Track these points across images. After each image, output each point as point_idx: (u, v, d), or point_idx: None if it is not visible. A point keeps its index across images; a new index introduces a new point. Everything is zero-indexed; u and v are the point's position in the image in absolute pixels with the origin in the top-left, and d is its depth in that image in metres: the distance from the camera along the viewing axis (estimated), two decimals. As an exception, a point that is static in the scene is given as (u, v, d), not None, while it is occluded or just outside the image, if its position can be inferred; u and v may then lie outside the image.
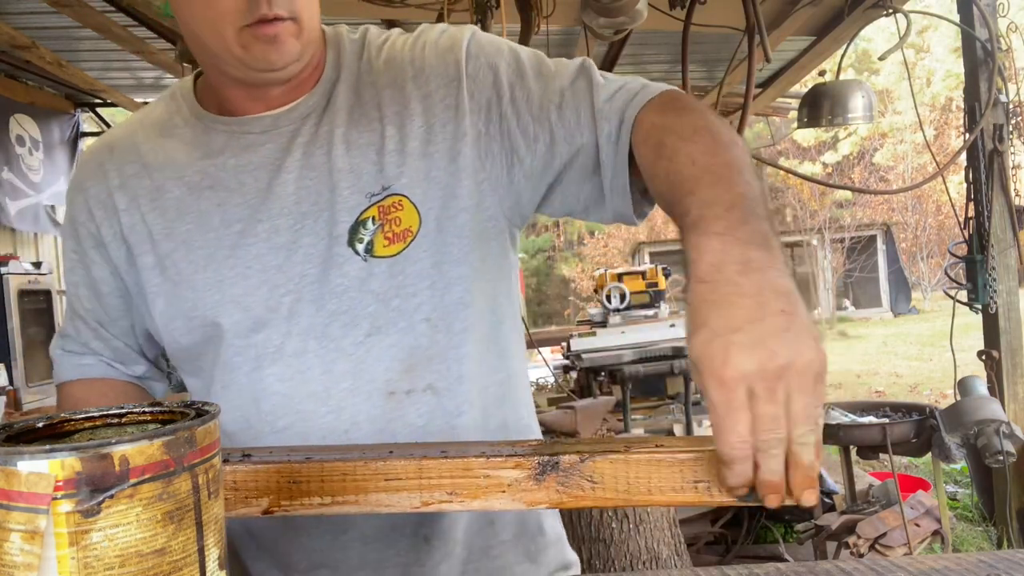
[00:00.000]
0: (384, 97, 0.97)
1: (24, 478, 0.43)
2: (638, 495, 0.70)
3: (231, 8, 0.87)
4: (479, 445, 0.77)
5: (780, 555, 3.88)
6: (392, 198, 0.94)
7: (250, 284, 0.94)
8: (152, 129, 1.03)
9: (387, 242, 0.94)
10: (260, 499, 0.71)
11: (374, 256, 0.93)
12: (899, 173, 19.22)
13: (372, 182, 0.94)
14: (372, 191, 0.94)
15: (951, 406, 3.36)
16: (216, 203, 0.96)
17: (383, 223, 0.94)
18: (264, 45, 0.89)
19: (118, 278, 1.02)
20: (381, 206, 0.94)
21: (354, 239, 0.93)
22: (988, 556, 0.81)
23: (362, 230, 0.94)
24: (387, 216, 0.94)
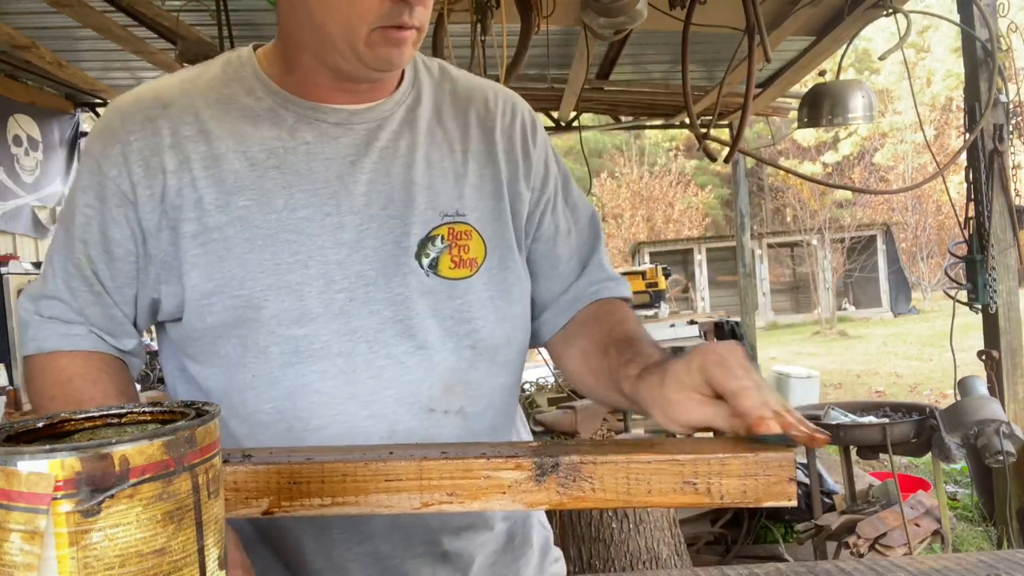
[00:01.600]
0: (471, 134, 1.03)
1: (24, 478, 0.43)
2: (638, 496, 0.70)
3: (373, 10, 0.88)
4: (479, 446, 0.77)
5: (780, 555, 3.88)
6: (464, 226, 0.98)
7: (309, 274, 0.93)
8: (211, 93, 0.98)
9: (453, 265, 0.97)
10: (260, 499, 0.71)
11: (438, 274, 0.96)
12: (899, 173, 19.23)
13: (448, 204, 0.98)
14: (447, 211, 0.97)
15: (951, 406, 3.36)
16: (282, 184, 0.94)
17: (451, 245, 0.97)
18: (391, 48, 0.91)
19: (136, 242, 0.96)
20: (452, 228, 0.97)
21: (421, 253, 0.96)
22: (988, 556, 0.81)
23: (430, 246, 0.96)
24: (456, 240, 0.97)
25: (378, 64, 0.92)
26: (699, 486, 0.70)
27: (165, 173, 0.93)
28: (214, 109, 0.96)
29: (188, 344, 0.97)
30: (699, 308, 16.48)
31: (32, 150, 5.79)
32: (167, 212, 0.93)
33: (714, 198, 24.59)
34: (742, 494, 0.70)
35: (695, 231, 22.90)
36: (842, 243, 17.38)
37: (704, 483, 0.70)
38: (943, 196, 15.51)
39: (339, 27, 0.90)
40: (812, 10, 4.30)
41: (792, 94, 6.41)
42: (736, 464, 0.70)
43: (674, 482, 0.70)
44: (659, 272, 5.75)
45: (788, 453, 0.71)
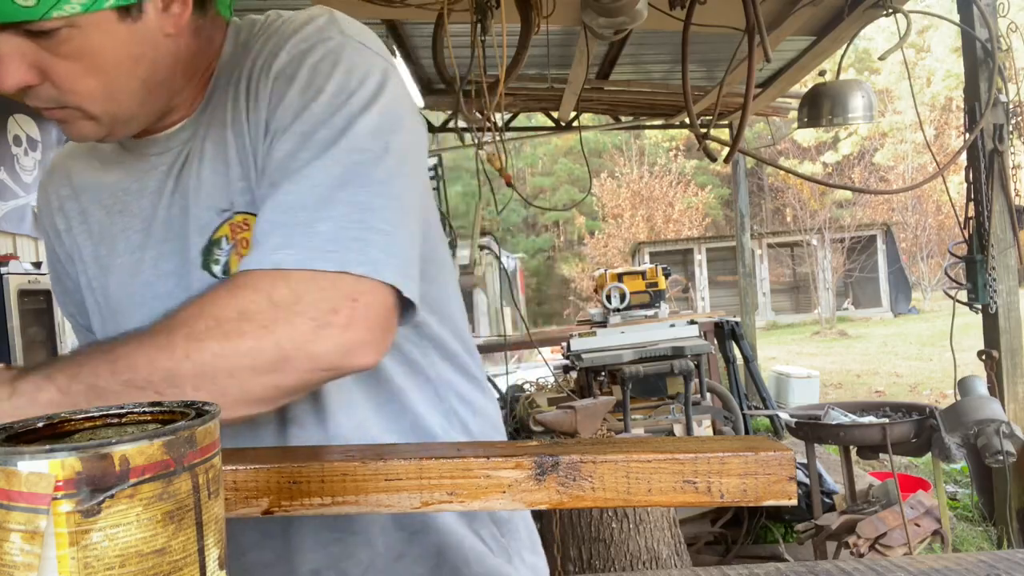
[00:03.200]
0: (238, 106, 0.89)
1: (24, 478, 0.43)
2: (638, 495, 0.70)
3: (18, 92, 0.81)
4: (480, 446, 0.77)
5: (780, 555, 3.89)
6: (239, 216, 0.88)
7: (148, 313, 0.87)
8: (80, 148, 1.00)
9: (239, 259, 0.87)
10: (260, 499, 0.71)
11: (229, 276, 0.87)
12: (899, 173, 19.24)
13: (220, 198, 0.88)
14: (222, 207, 0.88)
15: (951, 406, 3.36)
16: (122, 228, 0.94)
17: (236, 243, 0.87)
18: (57, 124, 0.86)
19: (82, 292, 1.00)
20: (231, 224, 0.88)
21: (210, 261, 0.88)
22: (988, 556, 0.81)
23: (217, 251, 0.88)
24: (238, 234, 0.88)
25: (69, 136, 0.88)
26: (699, 485, 0.70)
27: (61, 234, 1.00)
28: (81, 162, 0.99)
29: None
30: (699, 308, 16.48)
31: (31, 150, 5.79)
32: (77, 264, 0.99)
33: (714, 198, 24.59)
34: (742, 493, 0.70)
35: (695, 231, 22.90)
36: (842, 243, 17.39)
37: (704, 482, 0.70)
38: (943, 196, 15.52)
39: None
40: (812, 10, 4.30)
41: (792, 94, 6.41)
42: (736, 463, 0.70)
43: (674, 481, 0.70)
44: (659, 272, 5.75)
45: (788, 452, 0.71)
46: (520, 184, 5.55)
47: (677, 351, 4.58)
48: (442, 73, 3.85)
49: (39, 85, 0.80)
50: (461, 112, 3.85)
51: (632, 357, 4.62)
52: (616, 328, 5.22)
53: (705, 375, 4.86)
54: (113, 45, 0.79)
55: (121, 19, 0.78)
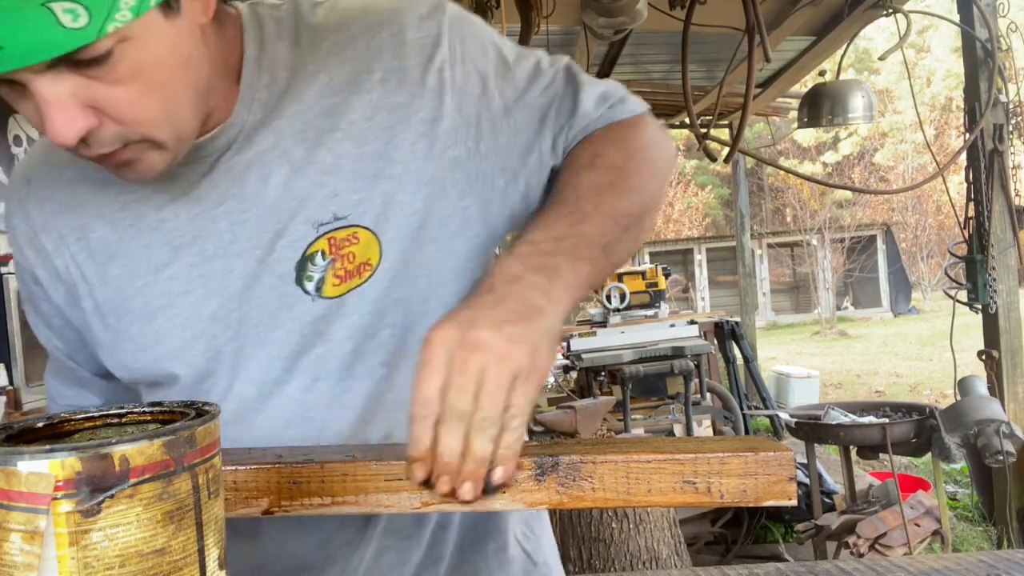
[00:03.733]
0: (339, 102, 0.81)
1: (24, 478, 0.43)
2: (638, 495, 0.70)
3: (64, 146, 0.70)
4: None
5: (780, 555, 3.89)
6: (347, 230, 0.80)
7: (187, 336, 0.83)
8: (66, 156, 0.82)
9: (337, 280, 0.81)
10: (260, 499, 0.71)
11: (323, 296, 0.81)
12: (899, 173, 19.25)
13: (322, 209, 0.80)
14: (322, 219, 0.80)
15: (951, 406, 3.37)
16: (142, 244, 0.83)
17: (335, 258, 0.81)
18: (116, 171, 0.75)
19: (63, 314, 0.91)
20: (333, 239, 0.81)
21: (303, 277, 0.81)
22: (988, 556, 0.81)
23: (311, 267, 0.81)
24: (340, 251, 0.81)
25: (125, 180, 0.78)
26: (699, 485, 0.70)
27: (47, 254, 0.87)
28: (72, 171, 0.85)
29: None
30: (699, 308, 16.47)
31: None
32: (67, 290, 0.88)
33: (714, 198, 24.60)
34: (742, 493, 0.70)
35: (695, 231, 22.90)
36: (842, 243, 17.39)
37: (704, 482, 0.70)
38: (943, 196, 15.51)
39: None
40: (812, 10, 4.30)
41: (792, 94, 6.41)
42: (736, 463, 0.70)
43: (674, 481, 0.70)
44: (659, 272, 5.75)
45: (788, 452, 0.71)
46: (520, 184, 5.52)
47: (677, 351, 4.58)
48: (442, 73, 3.84)
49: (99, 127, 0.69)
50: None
51: (632, 357, 4.62)
52: (616, 328, 5.22)
53: (705, 375, 4.87)
54: (167, 52, 0.70)
55: (166, 16, 0.68)
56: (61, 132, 0.66)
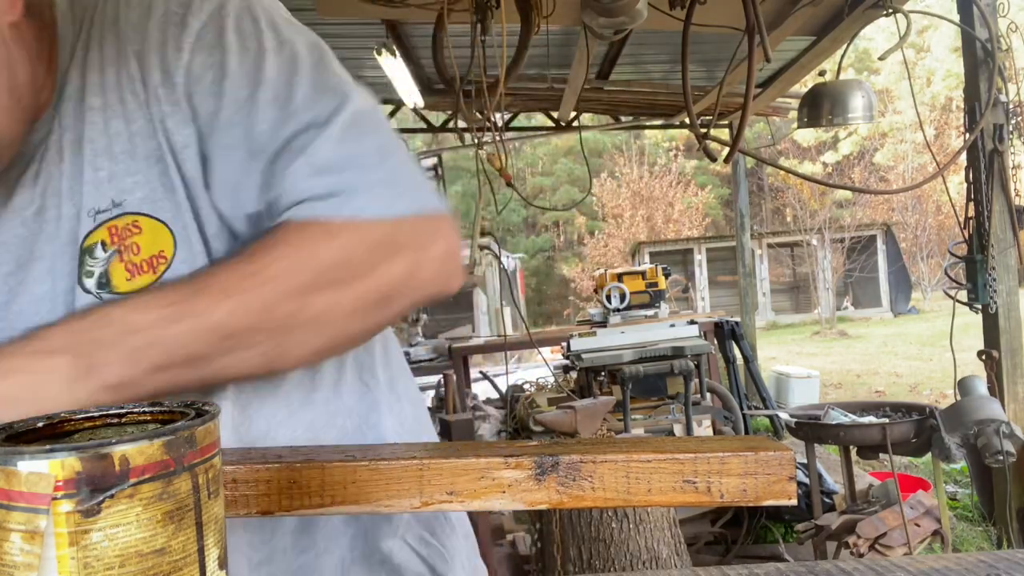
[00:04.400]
0: (105, 77, 0.74)
1: (24, 478, 0.43)
2: (638, 495, 0.70)
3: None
4: (480, 446, 0.77)
5: (780, 555, 3.89)
6: (127, 217, 0.73)
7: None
8: None
9: (129, 275, 0.73)
10: (260, 499, 0.71)
11: (113, 292, 0.72)
12: (899, 173, 19.25)
13: (98, 196, 0.73)
14: (100, 207, 0.73)
15: (951, 406, 3.37)
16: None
17: (119, 249, 0.73)
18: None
19: None
20: (114, 227, 0.73)
21: (82, 274, 0.73)
22: (988, 556, 0.81)
23: (89, 260, 0.73)
24: (124, 240, 0.73)
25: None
26: (699, 485, 0.70)
27: None
28: None
29: None
30: (699, 308, 16.47)
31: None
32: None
33: (714, 198, 24.60)
34: (742, 493, 0.70)
35: (695, 231, 22.90)
36: (842, 243, 17.39)
37: (704, 482, 0.70)
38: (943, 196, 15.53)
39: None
40: (812, 10, 4.30)
41: (792, 94, 6.41)
42: (736, 463, 0.70)
43: (674, 481, 0.70)
44: (659, 272, 5.75)
45: (788, 452, 0.71)
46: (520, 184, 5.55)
47: (677, 351, 4.58)
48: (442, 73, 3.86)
49: None
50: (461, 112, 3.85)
51: (632, 357, 4.62)
52: (616, 328, 5.22)
53: (705, 375, 4.86)
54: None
55: None
56: None
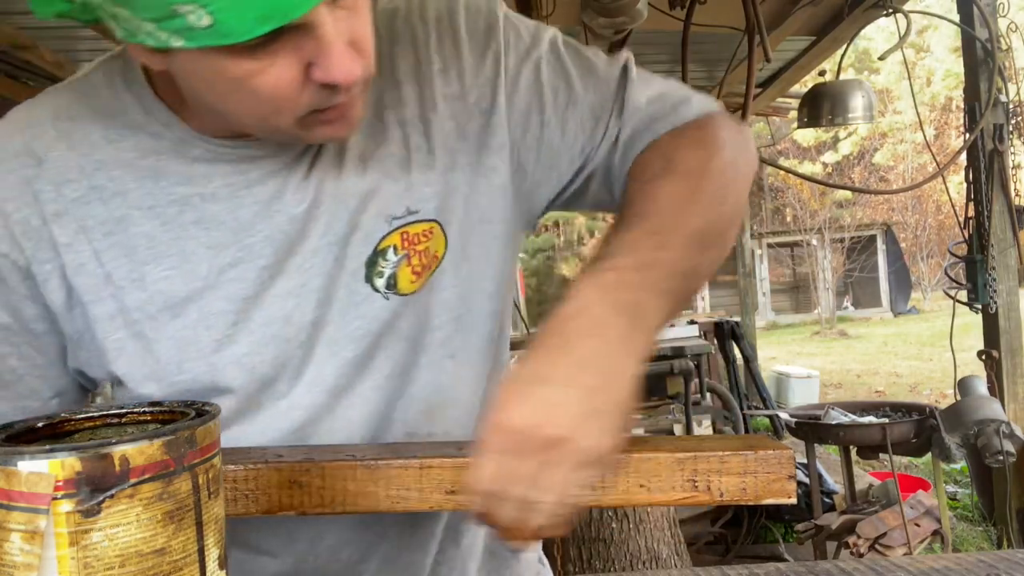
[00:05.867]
0: (405, 93, 0.79)
1: (24, 478, 0.43)
2: (638, 495, 0.70)
3: (294, 105, 0.67)
4: (479, 445, 0.77)
5: (780, 555, 3.89)
6: (422, 224, 0.79)
7: (255, 340, 0.77)
8: (96, 131, 0.76)
9: (415, 276, 0.79)
10: (260, 499, 0.71)
11: (399, 293, 0.79)
12: (899, 173, 19.24)
13: (395, 202, 0.78)
14: (395, 213, 0.78)
15: (951, 406, 3.36)
16: (205, 243, 0.76)
17: (408, 254, 0.78)
18: (329, 127, 0.71)
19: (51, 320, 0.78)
20: (406, 233, 0.78)
21: (372, 274, 0.78)
22: (988, 556, 0.81)
23: (381, 263, 0.78)
24: (414, 246, 0.78)
25: (321, 140, 0.75)
26: (699, 484, 0.70)
27: (58, 247, 0.75)
28: (103, 153, 0.75)
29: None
30: (699, 308, 16.45)
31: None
32: (73, 290, 0.76)
33: (714, 198, 24.52)
34: (741, 492, 0.70)
35: (695, 231, 22.81)
36: (842, 243, 17.38)
37: (704, 481, 0.70)
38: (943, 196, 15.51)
39: (255, 124, 0.71)
40: (812, 10, 4.30)
41: (792, 94, 6.40)
42: (736, 462, 0.70)
43: (674, 480, 0.70)
44: (659, 272, 5.75)
45: (788, 451, 0.71)
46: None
47: (677, 351, 4.58)
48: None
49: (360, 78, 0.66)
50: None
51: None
52: (616, 328, 5.20)
53: (705, 375, 4.86)
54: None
55: None
56: (350, 69, 0.64)
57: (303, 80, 0.65)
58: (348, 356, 0.79)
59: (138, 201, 0.75)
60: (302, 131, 0.70)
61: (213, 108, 0.71)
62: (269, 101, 0.66)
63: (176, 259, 0.76)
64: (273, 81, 0.65)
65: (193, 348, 0.77)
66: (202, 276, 0.76)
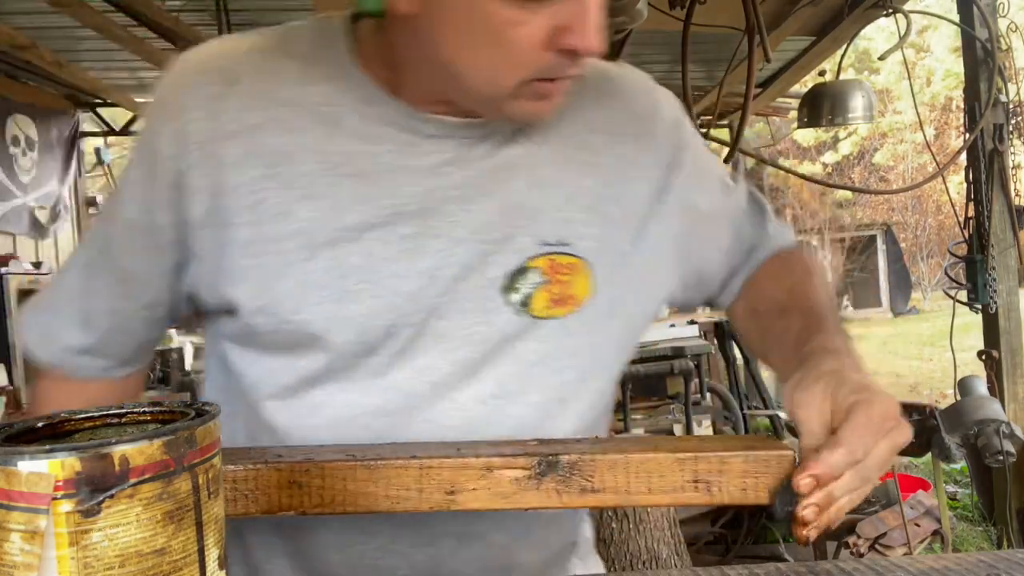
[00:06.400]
0: (594, 142, 0.85)
1: (24, 478, 0.43)
2: (638, 495, 0.70)
3: (531, 63, 0.72)
4: (480, 445, 0.77)
5: (780, 555, 3.88)
6: (569, 258, 0.81)
7: (376, 305, 0.79)
8: (289, 74, 0.80)
9: (551, 303, 0.81)
10: (260, 499, 0.71)
11: (530, 313, 0.81)
12: (899, 173, 19.23)
13: (552, 230, 0.81)
14: (548, 239, 0.81)
15: (951, 406, 3.36)
16: (358, 197, 0.78)
17: (551, 280, 0.81)
18: (539, 102, 0.76)
19: (180, 232, 0.81)
20: (553, 260, 0.81)
21: (511, 286, 0.80)
22: (988, 556, 0.81)
23: (522, 280, 0.80)
24: (558, 274, 0.81)
25: (519, 119, 0.79)
26: (699, 484, 0.70)
27: (224, 165, 0.78)
28: (292, 92, 0.80)
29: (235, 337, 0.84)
30: (699, 308, 16.45)
31: (29, 150, 5.79)
32: (216, 210, 0.79)
33: (714, 198, 24.54)
34: (742, 492, 0.70)
35: (695, 231, 22.83)
36: (842, 243, 17.37)
37: (704, 481, 0.70)
38: (943, 196, 15.51)
39: (482, 79, 0.74)
40: (812, 10, 4.30)
41: (792, 94, 6.41)
42: (736, 462, 0.70)
43: (674, 480, 0.70)
44: (659, 272, 5.75)
45: (788, 452, 0.71)
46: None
47: (677, 351, 4.58)
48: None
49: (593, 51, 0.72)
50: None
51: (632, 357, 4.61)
52: (616, 328, 5.21)
53: (705, 375, 4.86)
54: None
55: None
56: (597, 42, 0.70)
57: (547, 42, 0.70)
58: (460, 356, 0.80)
59: (309, 143, 0.79)
60: (513, 100, 0.74)
61: (444, 63, 0.74)
62: (515, 55, 0.71)
63: (327, 204, 0.78)
64: (527, 34, 0.70)
65: (315, 293, 0.78)
66: (347, 227, 0.78)
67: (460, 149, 0.81)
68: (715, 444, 0.74)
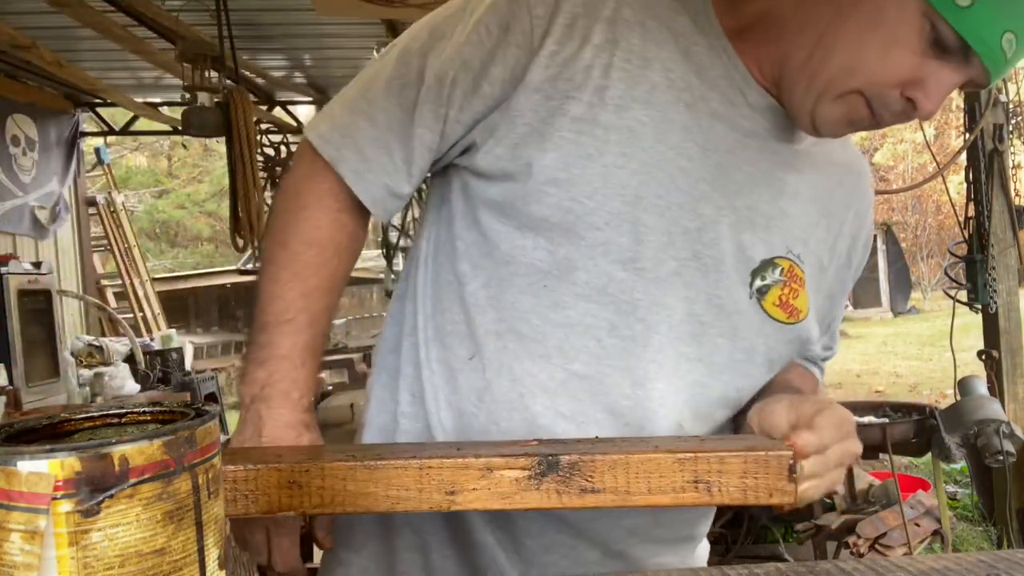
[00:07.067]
0: (837, 195, 0.96)
1: (24, 478, 0.43)
2: (638, 495, 0.70)
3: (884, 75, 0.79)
4: (479, 445, 0.77)
5: (780, 555, 3.88)
6: (802, 271, 0.90)
7: (659, 224, 0.83)
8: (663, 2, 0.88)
9: (779, 302, 0.88)
10: (260, 499, 0.71)
11: (760, 304, 0.88)
12: (899, 173, 19.24)
13: (795, 242, 0.89)
14: (793, 248, 0.89)
15: (951, 406, 3.36)
16: (683, 124, 0.84)
17: (787, 282, 0.89)
18: (843, 118, 0.83)
19: (506, 89, 0.84)
20: (792, 268, 0.89)
21: (757, 273, 0.87)
22: (988, 556, 0.81)
23: (768, 271, 0.88)
24: (792, 281, 0.89)
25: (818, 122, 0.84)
26: (699, 485, 0.70)
27: (586, 42, 0.83)
28: (660, 13, 0.86)
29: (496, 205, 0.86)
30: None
31: (29, 150, 5.80)
32: (559, 79, 0.83)
33: (714, 198, 24.54)
34: (742, 493, 0.70)
35: (695, 231, 22.82)
36: (842, 243, 17.36)
37: (704, 481, 0.70)
38: (943, 196, 15.51)
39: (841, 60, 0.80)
40: (812, 10, 4.30)
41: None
42: (736, 463, 0.70)
43: (674, 480, 0.70)
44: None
45: (788, 452, 0.71)
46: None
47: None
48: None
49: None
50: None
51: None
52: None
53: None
54: None
55: None
56: (934, 110, 0.79)
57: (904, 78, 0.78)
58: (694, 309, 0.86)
59: (664, 59, 0.85)
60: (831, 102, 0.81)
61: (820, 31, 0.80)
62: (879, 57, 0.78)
63: (659, 116, 0.84)
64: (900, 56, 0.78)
65: (616, 189, 0.83)
66: (667, 144, 0.84)
67: (768, 130, 0.88)
68: (715, 444, 0.74)
